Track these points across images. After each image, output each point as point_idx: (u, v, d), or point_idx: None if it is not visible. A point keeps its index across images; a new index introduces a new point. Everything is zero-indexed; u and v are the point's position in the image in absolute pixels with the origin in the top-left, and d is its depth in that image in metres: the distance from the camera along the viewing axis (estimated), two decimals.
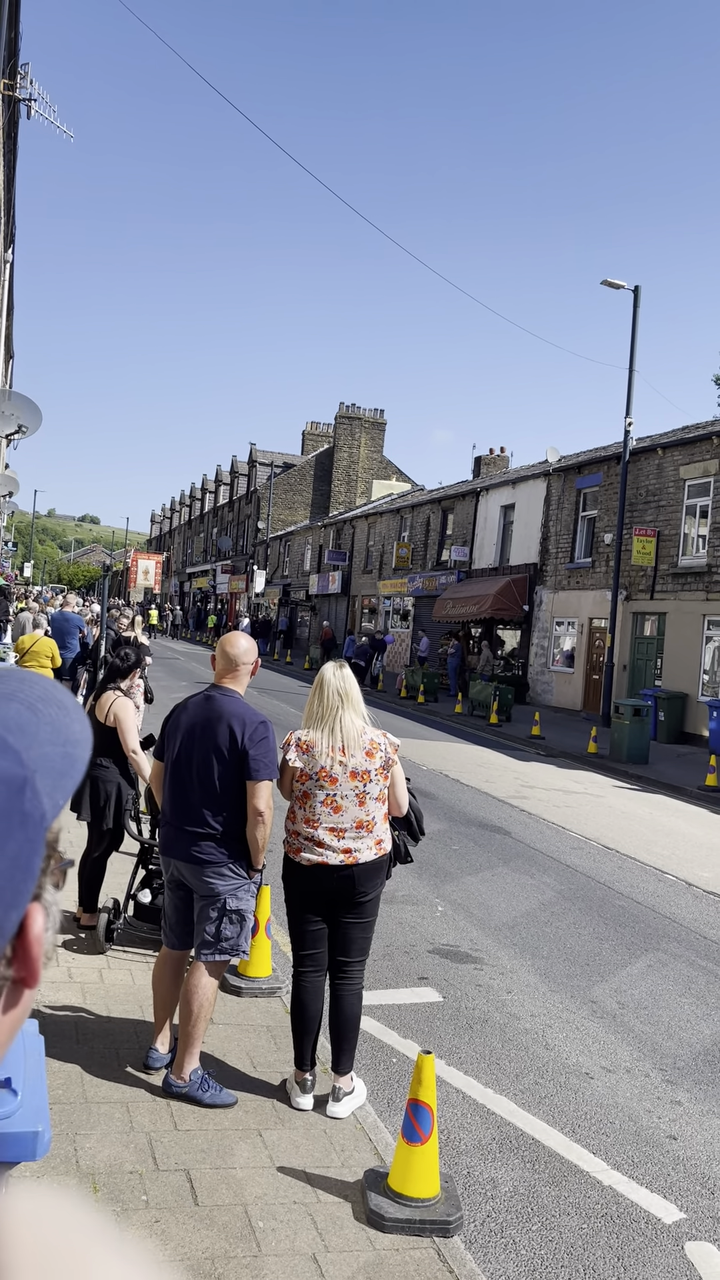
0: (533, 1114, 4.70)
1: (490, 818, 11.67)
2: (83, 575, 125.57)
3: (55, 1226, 0.53)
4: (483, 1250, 3.64)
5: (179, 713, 4.58)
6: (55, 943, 0.69)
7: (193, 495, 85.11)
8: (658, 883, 9.38)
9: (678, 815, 13.39)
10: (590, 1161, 4.33)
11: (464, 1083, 4.96)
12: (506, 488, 30.99)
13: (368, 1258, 3.37)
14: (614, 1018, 5.98)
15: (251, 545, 60.45)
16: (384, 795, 4.46)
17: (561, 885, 8.94)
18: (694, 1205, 4.08)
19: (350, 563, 44.13)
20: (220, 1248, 3.30)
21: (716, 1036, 5.84)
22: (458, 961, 6.68)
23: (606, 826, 11.94)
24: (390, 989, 6.07)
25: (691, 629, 21.70)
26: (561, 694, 26.77)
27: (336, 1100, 4.36)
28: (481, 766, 15.98)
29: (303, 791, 4.41)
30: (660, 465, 23.26)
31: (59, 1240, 0.52)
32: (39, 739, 0.66)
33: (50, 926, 0.67)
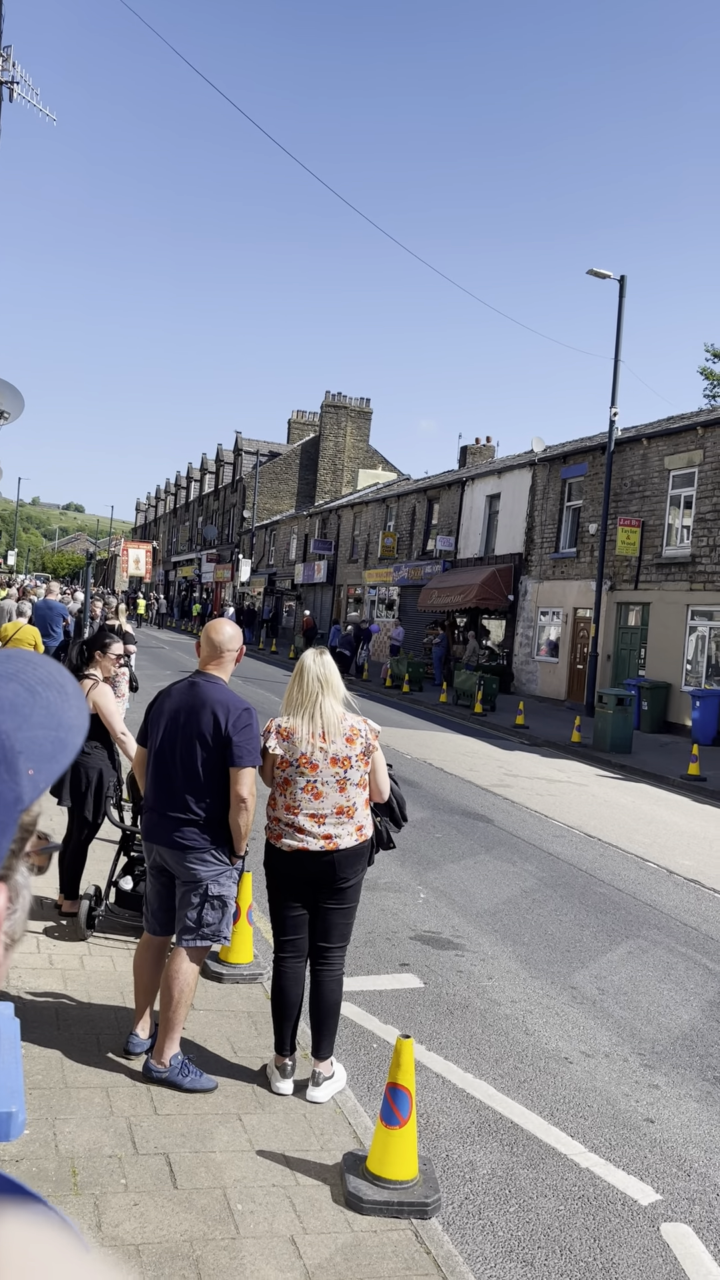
0: (512, 1098, 4.74)
1: (473, 806, 11.71)
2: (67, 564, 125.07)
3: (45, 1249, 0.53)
4: (460, 1231, 3.67)
5: (163, 699, 4.58)
6: (24, 925, 0.68)
7: (178, 484, 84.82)
8: (639, 870, 9.44)
9: (660, 804, 13.47)
10: (568, 1144, 4.36)
11: (444, 1067, 4.99)
12: (492, 477, 31.00)
13: (345, 1239, 3.39)
14: (594, 1003, 6.02)
15: (237, 534, 60.32)
16: (365, 782, 4.47)
17: (543, 873, 8.98)
18: (670, 1187, 4.12)
19: (336, 552, 44.09)
20: (199, 1230, 3.32)
21: (694, 1021, 5.89)
22: (439, 948, 6.71)
23: (589, 815, 12.00)
24: (371, 975, 6.09)
25: (675, 619, 21.79)
26: (546, 683, 26.85)
27: (316, 1085, 4.39)
28: (465, 755, 16.03)
29: (283, 778, 4.42)
30: (645, 456, 23.31)
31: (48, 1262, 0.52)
32: (31, 721, 0.66)
33: (17, 908, 0.66)
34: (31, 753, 0.64)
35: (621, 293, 22.59)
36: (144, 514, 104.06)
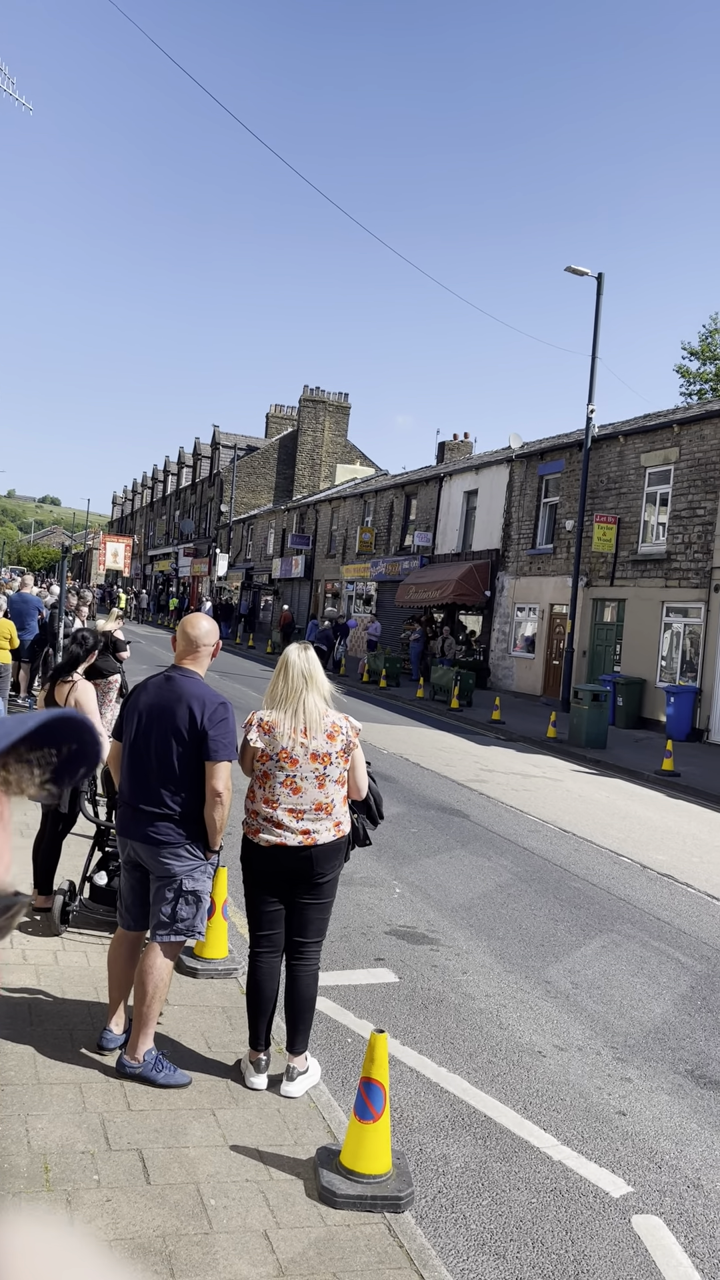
0: (485, 1092, 4.76)
1: (449, 801, 11.74)
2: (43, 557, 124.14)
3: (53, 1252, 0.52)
4: (433, 1225, 3.69)
5: (138, 693, 4.56)
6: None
7: (155, 477, 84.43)
8: (613, 865, 9.50)
9: (634, 799, 13.56)
10: (541, 1138, 4.39)
11: (418, 1062, 5.00)
12: (470, 473, 31.05)
13: (319, 1234, 3.40)
14: (567, 997, 6.06)
15: (214, 528, 60.12)
16: (344, 778, 4.47)
17: (518, 867, 9.02)
18: (641, 1179, 4.15)
19: (313, 547, 44.05)
20: (172, 1225, 3.31)
21: (667, 1015, 5.94)
22: (414, 943, 6.73)
23: (564, 810, 12.06)
24: (347, 970, 6.10)
25: (650, 615, 21.93)
26: (522, 679, 26.95)
27: (291, 1080, 4.39)
28: (442, 750, 16.06)
29: (262, 772, 4.41)
30: (622, 453, 23.42)
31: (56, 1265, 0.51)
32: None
33: None
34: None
35: (599, 290, 22.67)
36: (121, 507, 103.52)
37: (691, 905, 8.36)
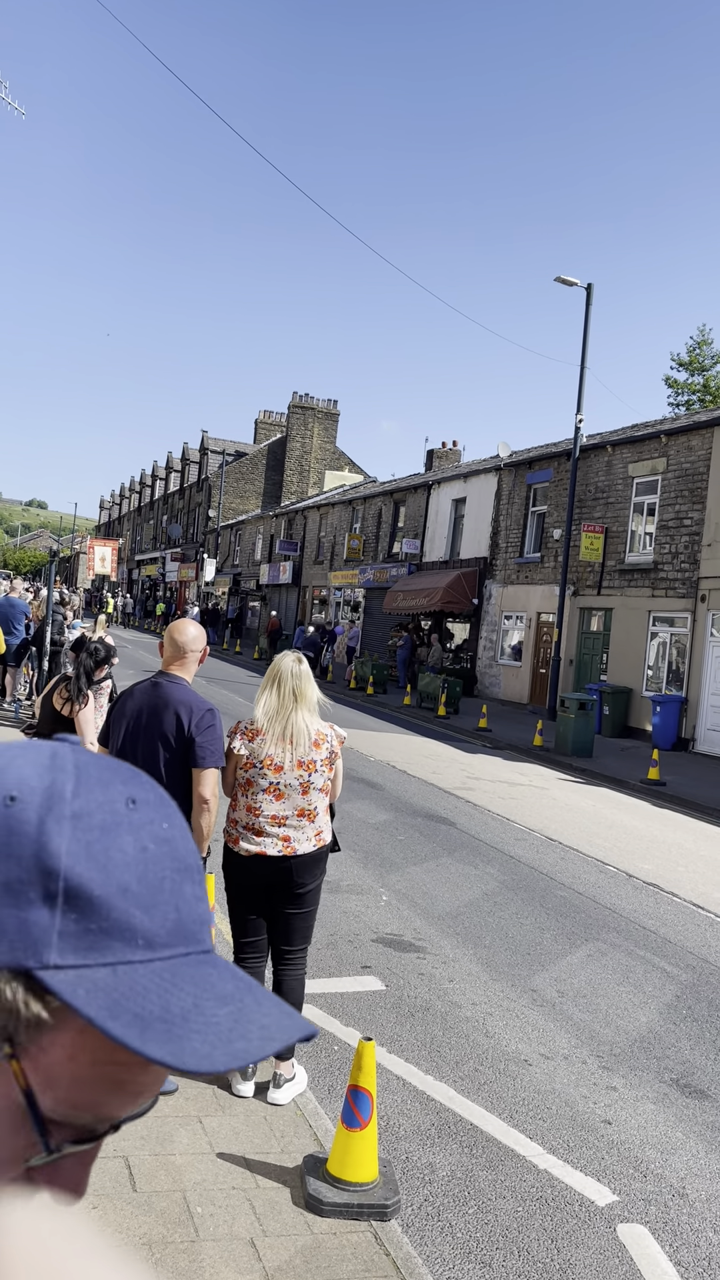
0: (472, 1100, 4.76)
1: (436, 809, 11.74)
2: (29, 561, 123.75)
3: (52, 1242, 0.52)
4: (419, 1233, 3.69)
5: (125, 699, 4.55)
6: None
7: (143, 482, 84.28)
8: (599, 874, 9.52)
9: (620, 808, 13.59)
10: (527, 1146, 4.39)
11: (404, 1070, 5.00)
12: (458, 481, 31.13)
13: (305, 1241, 3.40)
14: (553, 1006, 6.07)
15: (202, 533, 60.04)
16: (328, 787, 4.48)
17: (505, 876, 9.03)
18: (626, 1188, 4.16)
19: (301, 553, 44.05)
20: (158, 1233, 3.30)
21: (652, 1024, 5.95)
22: (401, 950, 6.72)
23: (550, 818, 12.08)
24: (333, 977, 6.09)
25: (637, 625, 22.01)
26: (509, 687, 27.00)
27: (278, 1087, 4.38)
28: (428, 758, 16.07)
29: (245, 779, 4.42)
30: (610, 463, 23.52)
31: (56, 1256, 0.51)
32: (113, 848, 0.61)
33: None
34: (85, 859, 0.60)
35: (589, 300, 22.78)
36: (108, 511, 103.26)
37: (677, 914, 8.39)
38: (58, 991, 0.56)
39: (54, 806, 0.60)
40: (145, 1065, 0.59)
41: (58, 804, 0.60)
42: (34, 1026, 0.57)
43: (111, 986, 0.57)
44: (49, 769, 0.62)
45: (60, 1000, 0.56)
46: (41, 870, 0.58)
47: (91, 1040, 0.58)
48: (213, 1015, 0.59)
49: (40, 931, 0.57)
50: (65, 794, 0.61)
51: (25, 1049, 0.57)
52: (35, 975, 0.57)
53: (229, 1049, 0.57)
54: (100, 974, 0.57)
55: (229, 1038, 0.58)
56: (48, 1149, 0.59)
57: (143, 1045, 0.55)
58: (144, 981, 0.58)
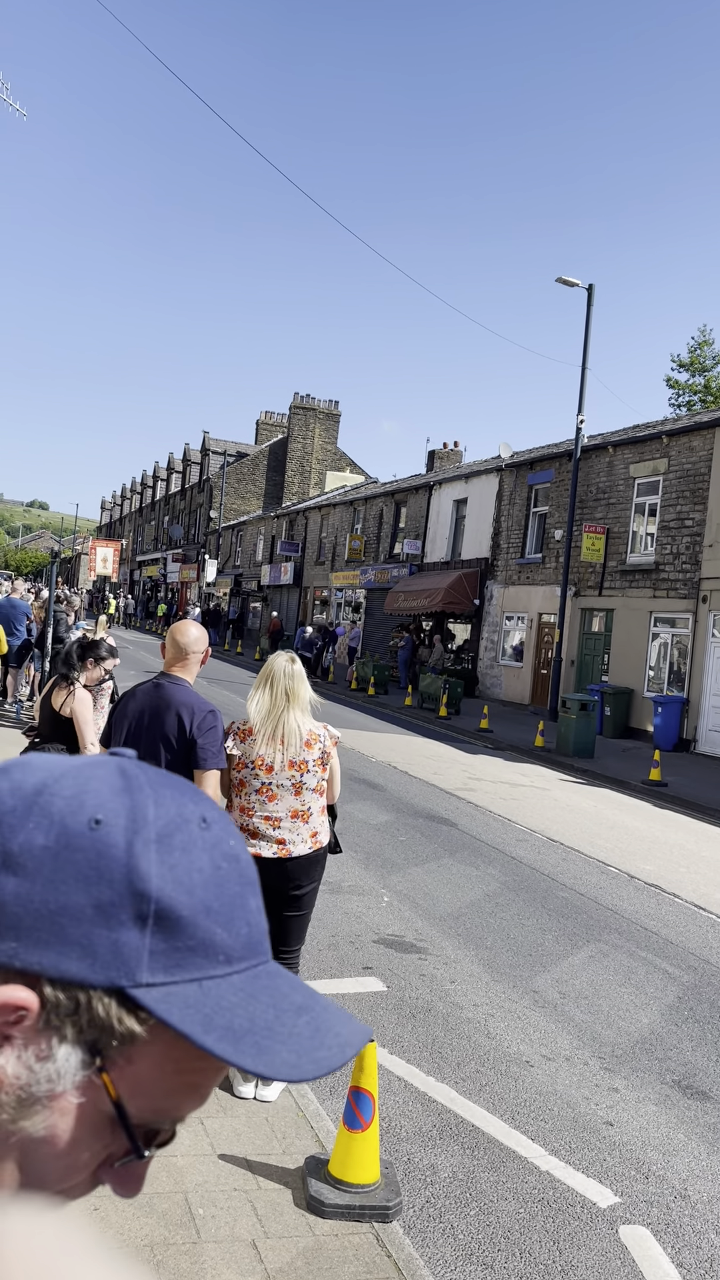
0: (473, 1101, 4.76)
1: (437, 809, 11.74)
2: (31, 561, 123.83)
3: (49, 1244, 0.52)
4: (421, 1235, 3.68)
5: (127, 700, 4.55)
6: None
7: (144, 483, 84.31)
8: (601, 875, 9.52)
9: (621, 809, 13.59)
10: (528, 1148, 4.39)
11: (406, 1071, 5.00)
12: (459, 482, 31.13)
13: (307, 1243, 3.39)
14: (555, 1007, 6.06)
15: (203, 534, 60.06)
16: (321, 787, 4.48)
17: (506, 877, 9.03)
18: (628, 1190, 4.16)
19: (303, 554, 44.05)
20: (159, 1234, 3.30)
21: (654, 1025, 5.95)
22: (402, 951, 6.72)
23: (552, 819, 12.07)
24: (335, 978, 6.09)
25: (638, 626, 22.00)
26: (510, 688, 26.99)
27: (266, 1084, 4.39)
28: (430, 759, 16.07)
29: (239, 779, 4.42)
30: (611, 463, 23.52)
31: (55, 1258, 0.51)
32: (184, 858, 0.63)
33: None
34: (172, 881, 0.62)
35: (590, 301, 22.77)
36: (109, 512, 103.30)
37: (678, 915, 8.38)
38: (152, 1009, 0.59)
39: (140, 829, 0.62)
40: (218, 1070, 0.64)
41: (143, 827, 0.63)
42: (126, 1041, 0.60)
43: (201, 1002, 0.60)
44: (126, 789, 0.65)
45: (154, 1017, 0.59)
46: (134, 893, 0.60)
47: (177, 1051, 0.61)
48: (293, 1026, 0.63)
49: (132, 951, 0.60)
50: (148, 816, 0.63)
51: (113, 1061, 0.61)
52: (128, 993, 0.59)
53: (314, 1058, 0.61)
54: (189, 990, 0.61)
55: (312, 1047, 0.62)
56: (140, 1153, 0.63)
57: (238, 1058, 0.59)
58: (229, 996, 0.62)
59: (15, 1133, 0.60)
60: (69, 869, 0.60)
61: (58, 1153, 0.61)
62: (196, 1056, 0.61)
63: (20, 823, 0.61)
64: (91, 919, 0.59)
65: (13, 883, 0.59)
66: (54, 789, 0.63)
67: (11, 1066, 0.59)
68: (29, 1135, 0.60)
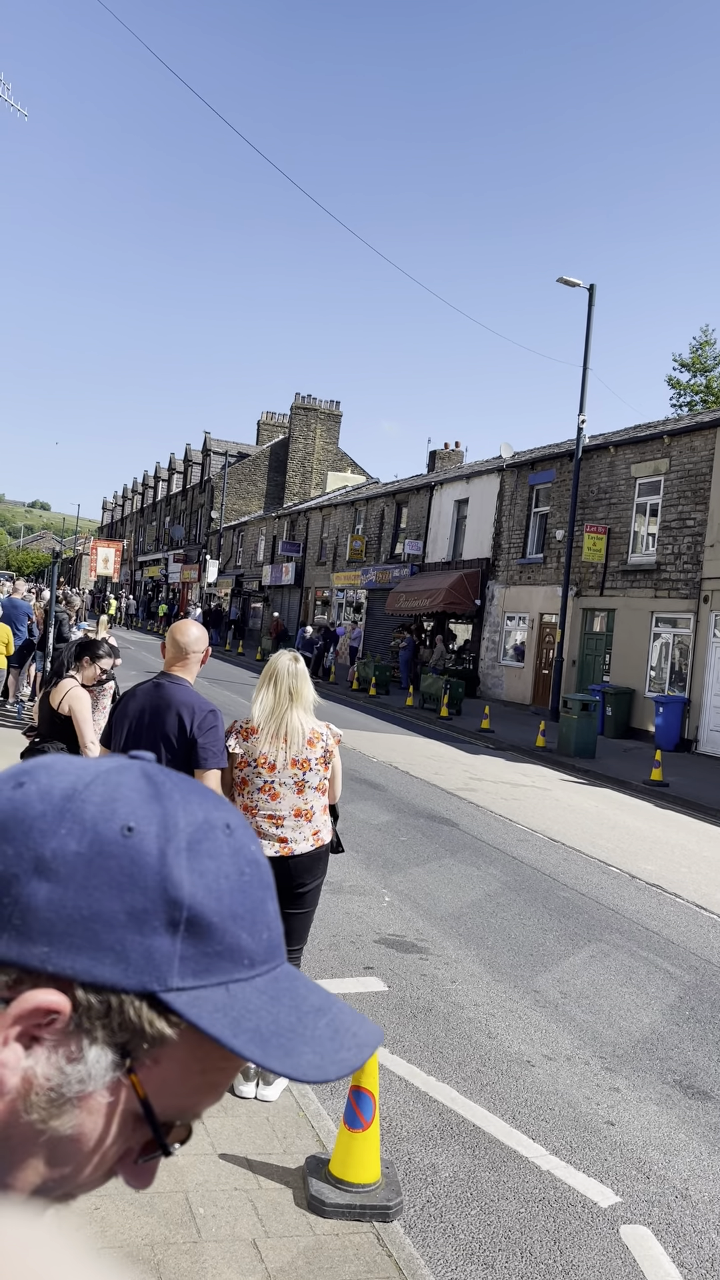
0: (474, 1101, 4.75)
1: (438, 809, 11.74)
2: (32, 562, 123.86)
3: (42, 1250, 0.52)
4: (422, 1234, 3.68)
5: (127, 700, 4.55)
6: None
7: (145, 483, 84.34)
8: (602, 875, 9.51)
9: (623, 809, 13.58)
10: (529, 1147, 4.39)
11: (407, 1071, 4.99)
12: (460, 482, 31.12)
13: (307, 1243, 3.39)
14: (556, 1007, 6.06)
15: (204, 535, 60.08)
16: (324, 786, 4.48)
17: (507, 877, 9.02)
18: (629, 1189, 4.15)
19: (304, 554, 44.05)
20: (160, 1234, 3.30)
21: (655, 1025, 5.95)
22: (403, 951, 6.72)
23: (553, 819, 12.07)
24: (336, 978, 6.09)
25: (640, 626, 21.99)
26: (511, 688, 26.99)
27: (268, 1084, 4.40)
28: (431, 759, 16.06)
29: (241, 778, 4.43)
30: (612, 463, 23.51)
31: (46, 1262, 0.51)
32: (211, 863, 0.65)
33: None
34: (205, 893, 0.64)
35: (591, 301, 22.76)
36: (111, 513, 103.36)
37: (680, 915, 8.38)
38: (183, 1013, 0.61)
39: (172, 837, 0.63)
40: (237, 1068, 0.66)
41: (174, 835, 0.64)
42: (156, 1043, 0.62)
43: (228, 1005, 0.62)
44: (155, 797, 0.65)
45: (185, 1020, 0.61)
46: (167, 900, 0.61)
47: (203, 1052, 0.63)
48: (315, 1028, 0.64)
49: (163, 957, 0.61)
50: (179, 824, 0.64)
51: (141, 1062, 0.62)
52: (160, 997, 0.61)
53: (336, 1059, 0.63)
54: (216, 994, 0.62)
55: (333, 1048, 0.64)
56: (166, 1150, 0.64)
57: (265, 1060, 0.60)
58: (253, 999, 0.63)
59: (45, 1132, 0.61)
60: (102, 875, 0.61)
61: (84, 1150, 0.62)
62: (221, 1057, 0.63)
63: (52, 829, 0.62)
64: (125, 925, 0.60)
65: (45, 888, 0.60)
66: (84, 795, 0.64)
67: (42, 1068, 0.60)
68: (57, 1134, 0.61)
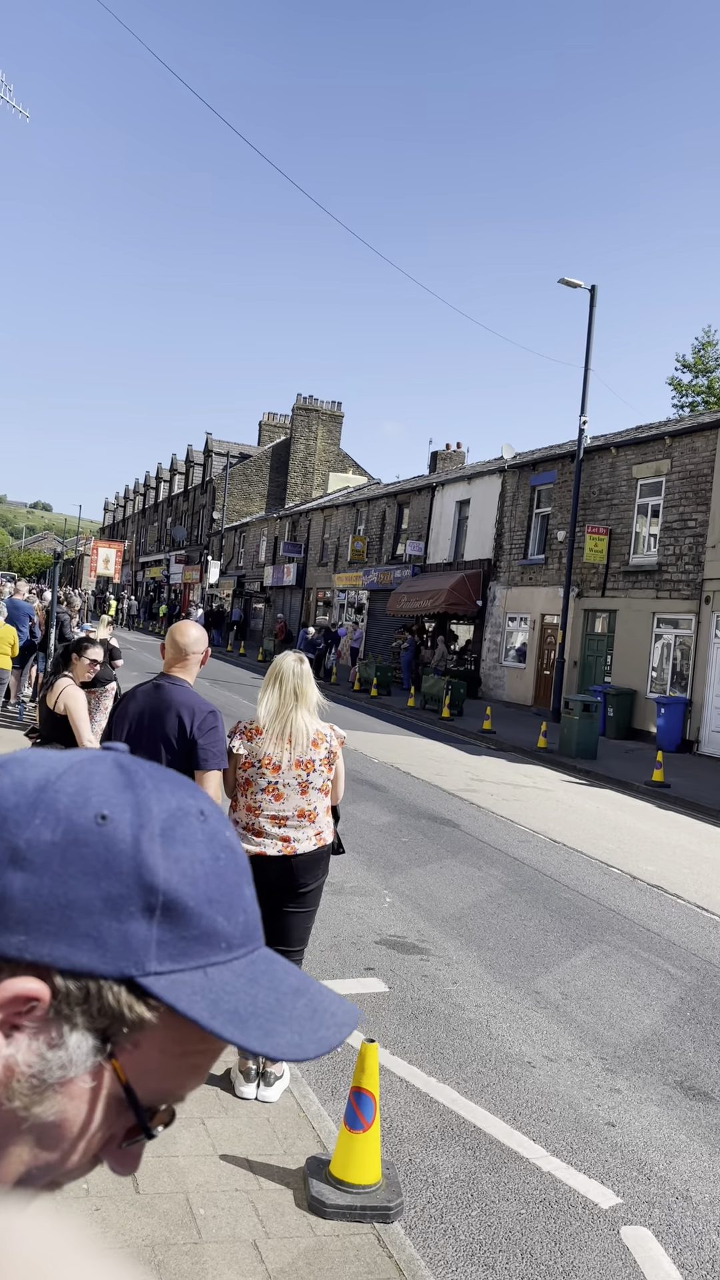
0: (475, 1102, 4.75)
1: (440, 810, 11.74)
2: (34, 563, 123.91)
3: (47, 1244, 0.53)
4: (422, 1235, 3.68)
5: (127, 701, 4.55)
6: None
7: (147, 484, 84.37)
8: (603, 876, 9.51)
9: (624, 810, 13.58)
10: (530, 1148, 4.39)
11: (408, 1072, 5.00)
12: (462, 483, 31.12)
13: (308, 1244, 3.39)
14: (557, 1008, 6.06)
15: (206, 535, 60.08)
16: (327, 787, 4.48)
17: (509, 878, 9.02)
18: (630, 1190, 4.15)
19: (305, 555, 44.06)
20: (161, 1235, 3.30)
21: (656, 1026, 5.94)
22: (404, 952, 6.72)
23: (554, 820, 12.07)
24: (337, 979, 6.09)
25: (641, 627, 21.98)
26: (513, 689, 26.98)
27: (269, 1085, 4.40)
28: (432, 760, 16.06)
29: (245, 779, 4.43)
30: (614, 464, 23.51)
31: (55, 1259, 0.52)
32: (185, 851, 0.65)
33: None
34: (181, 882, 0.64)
35: (592, 302, 22.76)
36: (112, 514, 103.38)
37: (681, 916, 8.37)
38: (161, 996, 0.61)
39: (145, 824, 0.64)
40: (219, 1050, 0.65)
41: (148, 821, 0.64)
42: (135, 1028, 0.62)
43: (206, 988, 0.63)
44: (128, 785, 0.66)
45: (163, 1004, 0.62)
46: (142, 886, 0.62)
47: (182, 1035, 0.63)
48: (293, 1008, 0.65)
49: (140, 942, 0.62)
50: (152, 811, 0.65)
51: (122, 1047, 0.63)
52: (138, 981, 0.61)
53: (315, 1037, 0.64)
54: (194, 977, 0.63)
55: (312, 1027, 0.64)
56: (149, 1133, 0.65)
57: (244, 1040, 0.61)
58: (231, 981, 0.64)
59: (28, 1119, 0.61)
60: (77, 864, 0.61)
61: (68, 1136, 0.63)
62: (201, 1039, 0.64)
63: (26, 819, 0.62)
64: (101, 911, 0.61)
65: (20, 878, 0.61)
66: (57, 785, 0.64)
67: (23, 1055, 0.61)
68: (41, 1120, 0.61)
